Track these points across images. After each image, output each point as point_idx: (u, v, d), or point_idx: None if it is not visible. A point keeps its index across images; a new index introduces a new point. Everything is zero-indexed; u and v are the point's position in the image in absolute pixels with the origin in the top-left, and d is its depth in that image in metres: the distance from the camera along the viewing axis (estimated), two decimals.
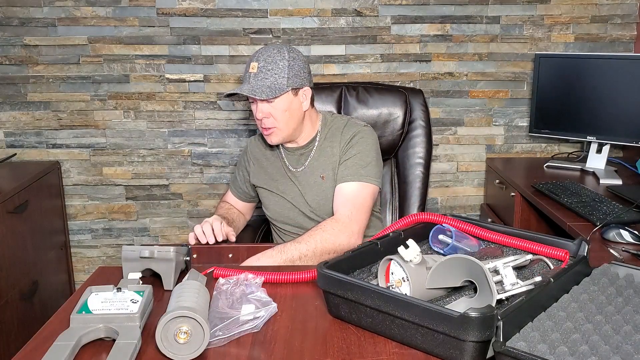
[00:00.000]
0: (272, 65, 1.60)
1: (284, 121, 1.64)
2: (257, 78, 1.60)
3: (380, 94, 2.09)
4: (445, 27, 2.48)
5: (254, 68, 1.61)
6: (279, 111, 1.62)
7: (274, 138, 1.68)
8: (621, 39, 2.50)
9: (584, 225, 1.67)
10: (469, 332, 0.89)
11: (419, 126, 2.09)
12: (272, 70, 1.60)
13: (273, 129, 1.65)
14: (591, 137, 2.27)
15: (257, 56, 1.62)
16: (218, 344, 1.03)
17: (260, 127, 1.68)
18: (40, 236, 2.34)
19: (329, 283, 1.08)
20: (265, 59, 1.61)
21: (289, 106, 1.64)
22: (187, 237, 2.62)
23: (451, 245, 1.21)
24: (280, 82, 1.60)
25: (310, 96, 1.69)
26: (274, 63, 1.60)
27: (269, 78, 1.60)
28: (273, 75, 1.60)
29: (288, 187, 1.76)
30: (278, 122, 1.64)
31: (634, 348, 0.87)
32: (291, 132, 1.69)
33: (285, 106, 1.63)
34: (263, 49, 1.64)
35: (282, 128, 1.65)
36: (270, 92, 1.59)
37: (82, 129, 2.53)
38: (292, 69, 1.62)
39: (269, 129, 1.65)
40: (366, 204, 1.64)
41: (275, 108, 1.62)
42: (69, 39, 2.44)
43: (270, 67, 1.60)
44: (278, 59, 1.61)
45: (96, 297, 1.09)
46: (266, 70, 1.60)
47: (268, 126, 1.65)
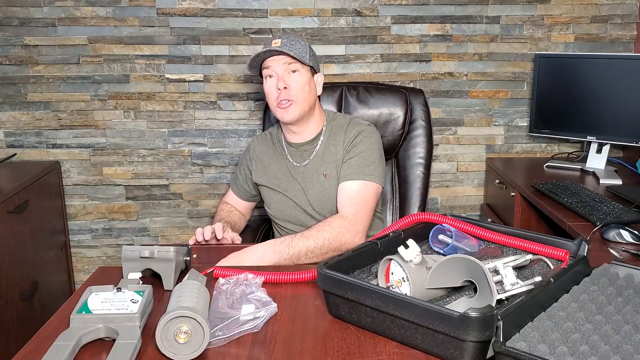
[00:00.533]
0: (294, 41, 1.66)
1: (303, 95, 1.66)
2: (282, 48, 1.63)
3: (381, 94, 2.09)
4: (445, 27, 2.48)
5: (277, 43, 1.64)
6: (300, 84, 1.66)
7: (291, 112, 1.66)
8: (621, 39, 2.50)
9: (584, 225, 1.67)
10: (469, 332, 0.89)
11: (420, 126, 2.09)
12: (296, 45, 1.65)
13: (291, 102, 1.65)
14: (591, 137, 2.27)
15: (278, 37, 1.67)
16: (218, 344, 1.03)
17: (277, 102, 1.66)
18: (40, 236, 2.34)
19: (329, 283, 1.08)
20: (288, 37, 1.67)
21: (309, 82, 1.69)
22: (187, 237, 2.65)
23: (451, 245, 1.21)
24: (303, 54, 1.66)
25: (322, 84, 1.76)
26: (296, 40, 1.67)
27: (293, 50, 1.64)
28: (297, 48, 1.65)
29: (290, 184, 1.77)
30: (297, 94, 1.65)
31: (634, 348, 0.87)
32: (307, 110, 1.69)
33: (306, 80, 1.67)
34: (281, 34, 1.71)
35: (301, 102, 1.66)
36: (297, 55, 1.64)
37: (82, 129, 2.53)
38: (311, 50, 1.72)
39: (288, 101, 1.65)
40: (370, 203, 1.64)
41: (296, 80, 1.65)
42: (69, 39, 2.44)
43: (293, 43, 1.65)
44: (299, 39, 1.69)
45: (96, 297, 1.09)
46: (290, 44, 1.64)
47: (286, 97, 1.64)
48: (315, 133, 1.76)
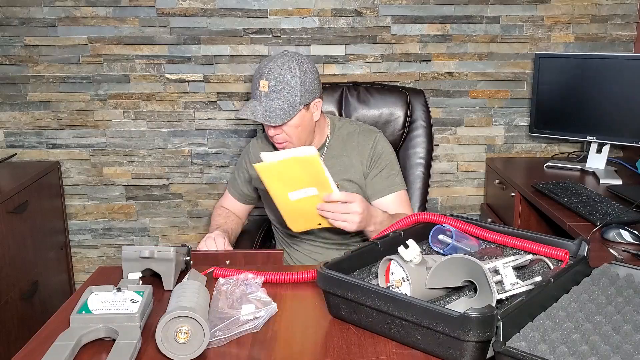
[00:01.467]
0: (283, 84, 1.54)
1: (296, 136, 1.61)
2: (268, 98, 1.54)
3: (381, 94, 2.08)
4: (445, 27, 2.48)
5: (264, 87, 1.54)
6: (292, 128, 1.59)
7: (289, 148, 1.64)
8: (621, 39, 2.50)
9: (584, 225, 1.67)
10: (469, 332, 0.89)
11: (420, 126, 2.07)
12: (284, 89, 1.54)
13: (285, 143, 1.62)
14: (591, 137, 2.27)
15: (266, 73, 1.55)
16: (218, 344, 1.03)
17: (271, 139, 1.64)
18: (40, 236, 2.34)
19: (329, 283, 1.08)
20: (276, 77, 1.54)
21: (301, 122, 1.60)
22: (187, 237, 2.65)
23: (451, 245, 1.21)
24: (293, 101, 1.55)
25: (320, 106, 1.65)
26: (286, 82, 1.54)
27: (282, 98, 1.54)
28: (285, 95, 1.54)
29: None
30: (291, 137, 1.61)
31: (634, 348, 0.87)
32: (303, 143, 1.65)
33: (298, 122, 1.59)
34: (272, 64, 1.55)
35: (294, 142, 1.62)
36: (284, 114, 1.54)
37: (82, 129, 2.53)
38: (304, 86, 1.56)
39: (281, 143, 1.63)
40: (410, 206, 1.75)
41: (288, 126, 1.58)
42: (69, 39, 2.44)
43: (282, 87, 1.54)
44: (289, 76, 1.54)
45: (96, 297, 1.09)
46: (278, 90, 1.54)
47: (280, 141, 1.62)
48: (319, 144, 1.72)
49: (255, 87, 1.58)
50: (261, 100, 1.56)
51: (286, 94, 1.54)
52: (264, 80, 1.55)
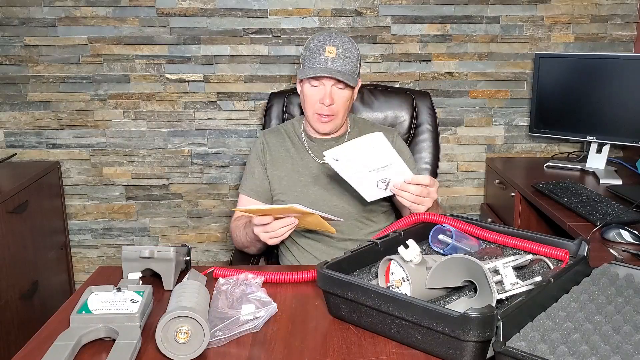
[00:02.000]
0: (349, 53, 1.58)
1: (343, 111, 1.63)
2: (335, 63, 1.56)
3: (386, 97, 2.03)
4: (445, 27, 2.48)
5: (332, 52, 1.57)
6: (344, 100, 1.61)
7: (329, 125, 1.65)
8: (621, 39, 2.50)
9: (584, 225, 1.67)
10: (469, 332, 0.89)
11: (426, 130, 2.01)
12: (349, 58, 1.58)
13: (332, 117, 1.62)
14: (591, 137, 2.27)
15: (332, 41, 1.58)
16: (218, 344, 1.03)
17: (315, 114, 1.62)
18: (40, 236, 2.34)
19: (329, 283, 1.08)
20: (343, 45, 1.58)
21: (351, 96, 1.64)
22: (187, 237, 2.65)
23: (451, 245, 1.21)
24: (354, 71, 1.60)
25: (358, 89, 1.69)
26: (350, 52, 1.59)
27: (347, 65, 1.58)
28: (350, 64, 1.58)
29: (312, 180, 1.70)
30: (339, 110, 1.62)
31: (634, 348, 0.87)
32: (342, 122, 1.68)
33: (350, 96, 1.63)
34: (333, 34, 1.60)
35: (340, 117, 1.64)
36: (352, 80, 1.58)
37: (82, 129, 2.53)
38: (360, 60, 1.65)
39: (328, 116, 1.62)
40: None
41: (341, 97, 1.60)
42: (69, 39, 2.44)
43: (347, 55, 1.58)
44: (352, 47, 1.60)
45: (96, 297, 1.09)
46: (344, 57, 1.57)
47: (329, 113, 1.61)
48: (342, 133, 1.74)
49: (318, 53, 1.57)
50: (328, 65, 1.57)
51: (350, 63, 1.59)
52: (330, 47, 1.57)
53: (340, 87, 1.59)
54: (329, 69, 1.56)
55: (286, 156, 1.73)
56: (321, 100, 1.60)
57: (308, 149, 1.73)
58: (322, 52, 1.57)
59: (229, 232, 2.63)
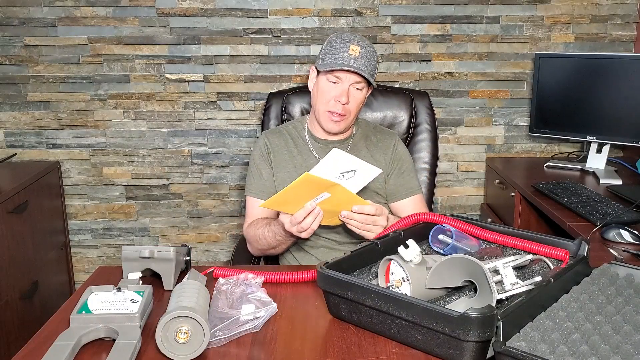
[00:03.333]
0: (370, 54, 1.60)
1: (355, 111, 1.64)
2: (358, 62, 1.57)
3: (385, 97, 2.03)
4: (445, 27, 2.48)
5: (355, 51, 1.57)
6: (359, 101, 1.62)
7: (340, 125, 1.64)
8: (621, 39, 2.50)
9: (584, 225, 1.67)
10: (469, 332, 0.89)
11: (425, 130, 2.02)
12: (371, 59, 1.60)
13: (344, 116, 1.62)
14: (591, 137, 2.27)
15: (356, 41, 1.59)
16: (218, 344, 1.03)
17: (329, 111, 1.61)
18: (40, 236, 2.34)
19: (329, 283, 1.08)
20: (365, 46, 1.59)
21: (365, 98, 1.65)
22: (187, 237, 2.65)
23: (451, 245, 1.21)
24: (373, 74, 1.62)
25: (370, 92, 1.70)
26: (372, 54, 1.61)
27: (369, 67, 1.59)
28: (371, 64, 1.60)
29: None
30: (352, 110, 1.62)
31: (634, 348, 0.87)
32: (352, 124, 1.69)
33: (364, 97, 1.64)
34: (355, 35, 1.61)
35: (351, 117, 1.65)
36: (372, 79, 1.59)
37: (82, 129, 2.53)
38: (378, 64, 1.66)
39: (340, 115, 1.61)
40: None
41: (356, 97, 1.61)
42: (69, 39, 2.44)
43: (369, 56, 1.59)
44: (373, 51, 1.62)
45: (96, 297, 1.09)
46: (367, 57, 1.58)
47: (342, 112, 1.61)
48: (347, 135, 1.73)
49: (342, 50, 1.57)
50: (351, 62, 1.57)
51: (371, 65, 1.60)
52: (355, 45, 1.58)
53: (358, 87, 1.60)
54: (354, 65, 1.57)
55: (289, 157, 1.72)
56: (337, 97, 1.59)
57: (312, 150, 1.72)
58: (346, 49, 1.58)
59: (230, 233, 2.64)
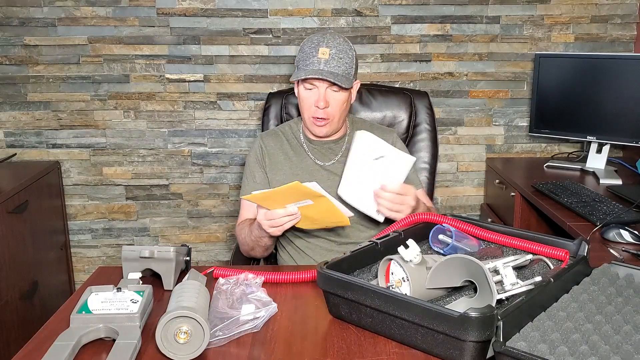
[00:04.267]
0: (343, 54, 1.56)
1: (340, 112, 1.61)
2: (329, 65, 1.54)
3: (384, 96, 2.03)
4: (445, 27, 2.48)
5: (324, 54, 1.54)
6: (340, 102, 1.59)
7: (325, 129, 1.63)
8: (621, 39, 2.50)
9: (584, 225, 1.67)
10: (469, 332, 0.89)
11: (424, 130, 2.01)
12: (344, 59, 1.56)
13: (328, 120, 1.61)
14: (591, 137, 2.27)
15: (326, 42, 1.56)
16: (218, 344, 1.03)
17: (310, 117, 1.61)
18: (40, 236, 2.34)
19: (329, 283, 1.08)
20: (337, 46, 1.56)
21: (347, 98, 1.61)
22: (187, 237, 2.65)
23: (451, 245, 1.21)
24: (349, 72, 1.58)
25: (357, 88, 1.67)
26: (345, 52, 1.56)
27: (342, 67, 1.55)
28: (344, 65, 1.56)
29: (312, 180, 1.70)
30: (335, 113, 1.60)
31: (634, 348, 0.87)
32: (339, 125, 1.67)
33: (346, 98, 1.60)
34: (328, 35, 1.57)
35: (336, 119, 1.62)
36: (346, 81, 1.55)
37: (82, 129, 2.53)
38: (356, 61, 1.62)
39: (323, 119, 1.61)
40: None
41: (336, 99, 1.58)
42: (69, 39, 2.44)
43: (341, 56, 1.56)
44: (347, 48, 1.57)
45: (96, 297, 1.09)
46: (338, 58, 1.55)
47: (324, 116, 1.60)
48: (341, 134, 1.72)
49: (312, 55, 1.56)
50: (320, 67, 1.55)
51: (345, 64, 1.56)
52: (324, 48, 1.55)
53: (334, 89, 1.57)
54: (321, 70, 1.53)
55: (285, 159, 1.72)
56: (316, 103, 1.58)
57: (307, 151, 1.72)
58: (315, 54, 1.55)
59: (230, 233, 2.64)
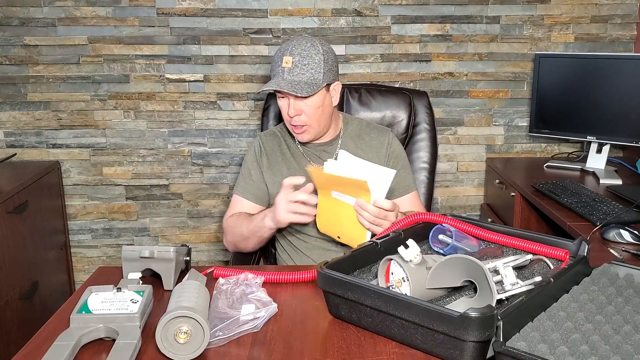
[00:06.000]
0: (307, 59, 1.54)
1: (316, 118, 1.59)
2: (292, 73, 1.53)
3: (384, 96, 2.03)
4: (445, 27, 2.48)
5: (287, 62, 1.53)
6: (313, 108, 1.57)
7: (305, 136, 1.63)
8: (621, 39, 2.50)
9: (584, 225, 1.67)
10: (469, 332, 0.89)
11: (424, 129, 2.01)
12: (308, 65, 1.54)
13: (305, 127, 1.60)
14: (591, 137, 2.27)
15: (290, 50, 1.54)
16: (218, 344, 1.03)
17: (290, 125, 1.62)
18: (40, 236, 2.34)
19: (329, 283, 1.08)
20: (300, 52, 1.54)
21: (322, 102, 1.58)
22: (187, 237, 2.65)
23: (451, 245, 1.21)
24: (316, 77, 1.55)
25: (339, 90, 1.64)
26: (310, 57, 1.54)
27: (306, 73, 1.53)
28: (309, 71, 1.54)
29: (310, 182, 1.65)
30: (310, 119, 1.59)
31: (634, 348, 0.87)
32: (322, 129, 1.65)
33: (319, 103, 1.57)
34: (294, 42, 1.55)
35: (314, 125, 1.61)
36: (309, 88, 1.52)
37: (82, 129, 2.53)
38: (327, 63, 1.56)
39: (300, 127, 1.60)
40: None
41: (308, 105, 1.56)
42: (69, 39, 2.44)
43: (306, 62, 1.53)
44: (313, 52, 1.54)
45: (96, 297, 1.09)
46: (302, 65, 1.53)
47: (300, 124, 1.59)
48: (333, 135, 1.71)
49: (277, 64, 1.56)
50: (284, 76, 1.54)
51: (310, 70, 1.54)
52: (287, 57, 1.54)
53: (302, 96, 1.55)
54: (282, 80, 1.53)
55: (282, 160, 1.72)
56: (288, 112, 1.58)
57: (303, 154, 1.72)
58: (279, 63, 1.55)
59: None
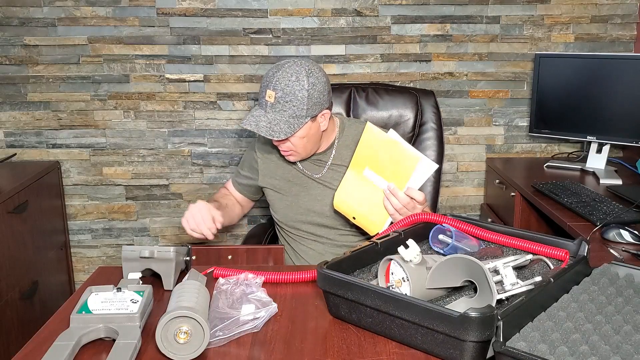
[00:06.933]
0: (290, 97, 1.51)
1: (301, 146, 1.60)
2: (274, 109, 1.53)
3: (391, 95, 2.04)
4: (445, 27, 2.48)
5: (270, 97, 1.52)
6: (297, 139, 1.57)
7: (294, 157, 1.65)
8: (621, 39, 2.50)
9: (584, 225, 1.67)
10: (469, 332, 0.89)
11: (430, 128, 2.02)
12: (291, 102, 1.51)
13: (291, 152, 1.61)
14: (591, 137, 2.27)
15: (274, 83, 1.52)
16: (218, 344, 1.03)
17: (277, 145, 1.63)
18: (40, 236, 2.34)
19: (329, 283, 1.08)
20: (283, 88, 1.51)
21: (307, 132, 1.58)
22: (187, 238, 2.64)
23: (451, 245, 1.21)
24: (299, 114, 1.53)
25: (328, 116, 1.62)
26: (293, 94, 1.51)
27: (287, 111, 1.52)
28: (291, 108, 1.52)
29: (303, 190, 1.70)
30: (296, 147, 1.59)
31: (634, 348, 0.87)
32: (310, 152, 1.65)
33: (303, 134, 1.57)
34: (280, 73, 1.52)
35: (300, 152, 1.62)
36: (288, 128, 1.52)
37: (82, 129, 2.53)
38: (311, 99, 1.53)
39: (285, 151, 1.62)
40: None
41: (293, 137, 1.56)
42: (69, 39, 2.44)
43: (288, 99, 1.51)
44: (297, 89, 1.51)
45: (96, 297, 1.09)
46: (284, 102, 1.51)
47: (285, 150, 1.61)
48: (327, 146, 1.71)
49: (262, 95, 1.55)
50: (267, 110, 1.54)
51: (292, 107, 1.52)
52: (270, 91, 1.52)
53: None
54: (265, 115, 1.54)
55: (277, 165, 1.74)
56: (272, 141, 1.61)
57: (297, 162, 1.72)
58: (264, 95, 1.54)
59: (230, 233, 2.64)
